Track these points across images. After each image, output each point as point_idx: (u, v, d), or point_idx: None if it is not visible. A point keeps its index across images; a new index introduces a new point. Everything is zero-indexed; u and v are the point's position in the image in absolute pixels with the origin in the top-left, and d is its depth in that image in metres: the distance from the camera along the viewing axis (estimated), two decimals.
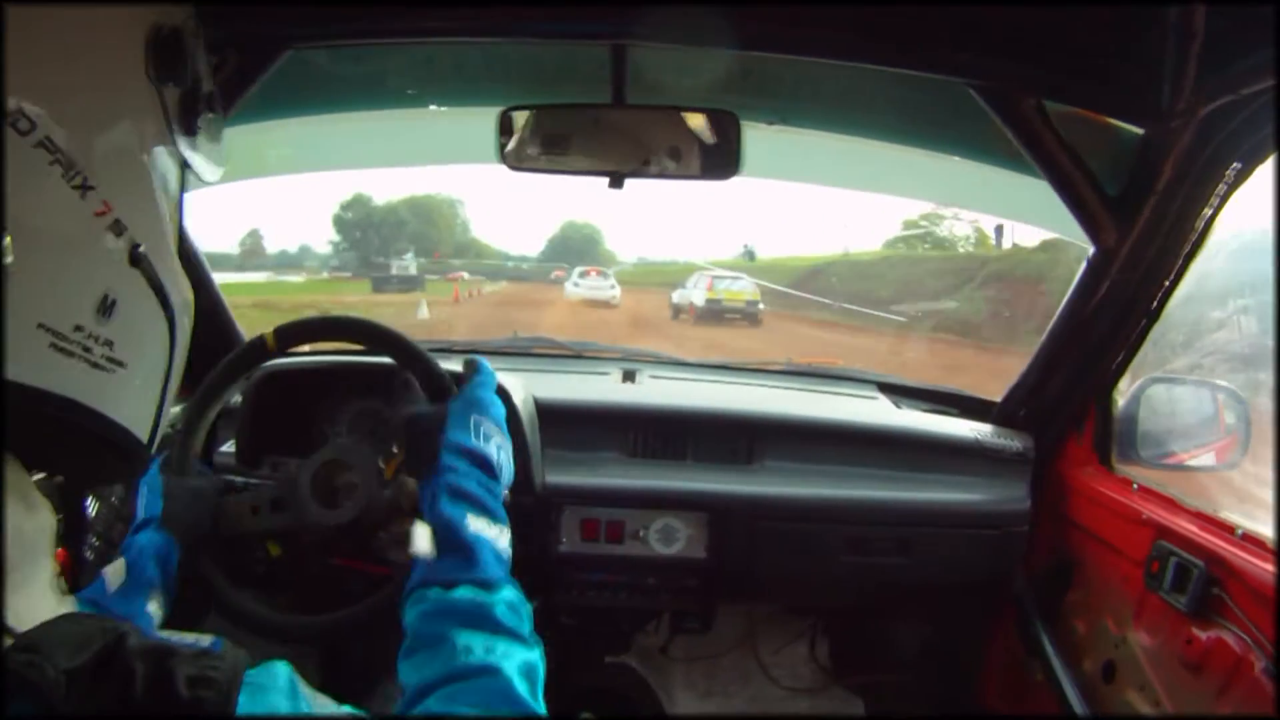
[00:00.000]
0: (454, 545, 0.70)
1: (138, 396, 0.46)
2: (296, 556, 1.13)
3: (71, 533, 1.14)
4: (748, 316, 14.31)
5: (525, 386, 1.39)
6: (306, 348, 1.23)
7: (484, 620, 0.66)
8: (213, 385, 1.04)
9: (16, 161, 0.38)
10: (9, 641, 0.37)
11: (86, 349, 0.42)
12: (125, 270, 0.44)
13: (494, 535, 0.73)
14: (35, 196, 0.39)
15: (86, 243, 0.42)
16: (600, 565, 1.37)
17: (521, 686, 0.62)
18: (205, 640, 0.44)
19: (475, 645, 0.63)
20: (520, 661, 0.64)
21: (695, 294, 15.38)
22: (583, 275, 19.08)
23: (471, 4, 1.02)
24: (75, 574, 1.13)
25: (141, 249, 0.44)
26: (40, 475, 0.47)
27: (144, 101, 0.46)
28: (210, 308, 1.42)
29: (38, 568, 0.45)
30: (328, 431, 1.36)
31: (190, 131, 0.50)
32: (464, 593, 0.67)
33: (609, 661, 1.75)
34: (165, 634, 0.44)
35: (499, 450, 0.79)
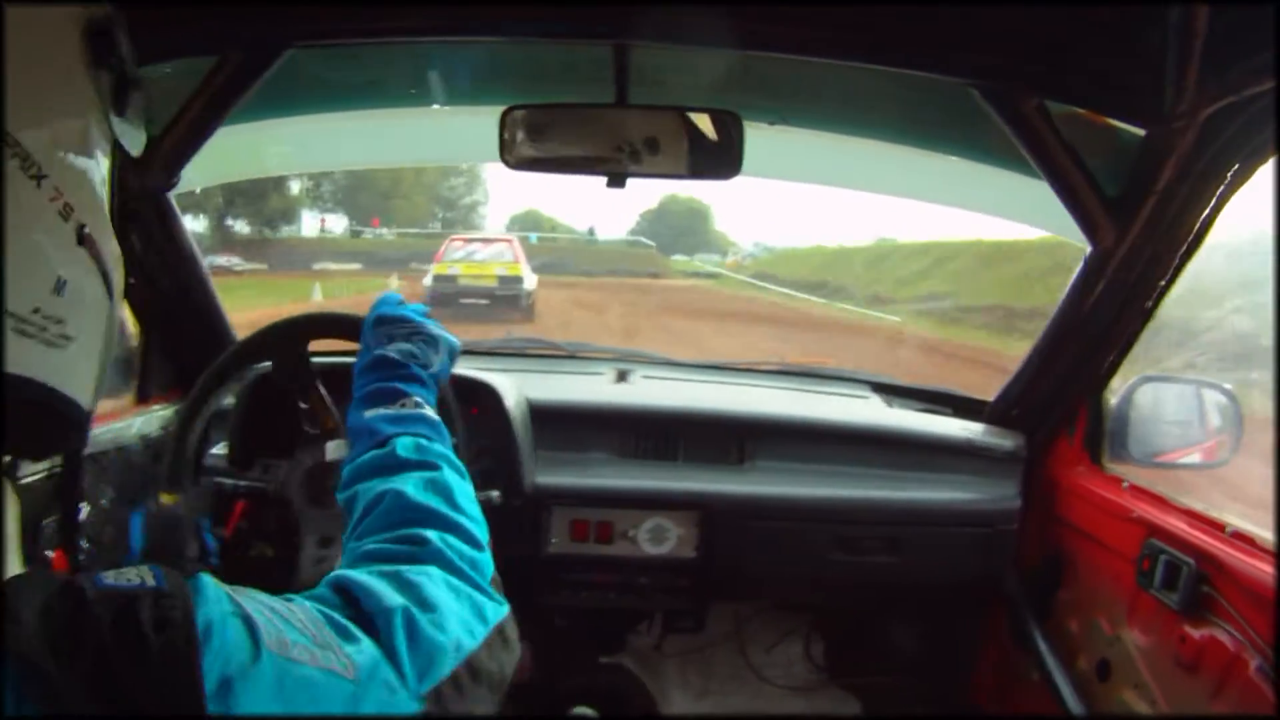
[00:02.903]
0: (357, 434, 0.73)
1: (83, 367, 0.50)
2: (289, 557, 1.13)
3: (66, 536, 1.13)
4: (502, 302, 9.56)
5: (517, 387, 1.39)
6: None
7: (385, 466, 0.68)
8: (201, 394, 1.06)
9: None
10: None
11: (43, 328, 0.45)
12: (74, 250, 0.47)
13: (394, 410, 0.74)
14: (3, 191, 0.42)
15: (43, 230, 0.45)
16: (590, 565, 1.38)
17: (419, 494, 0.64)
18: (149, 576, 0.44)
19: (375, 486, 0.66)
20: (419, 478, 0.66)
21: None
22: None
23: (474, 3, 1.01)
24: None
25: (86, 229, 0.48)
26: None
27: (83, 89, 0.50)
28: (204, 306, 1.41)
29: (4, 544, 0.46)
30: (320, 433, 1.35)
31: (121, 112, 0.53)
32: (366, 456, 0.70)
33: (603, 661, 1.76)
34: (109, 575, 0.43)
35: (407, 340, 0.80)
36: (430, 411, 0.75)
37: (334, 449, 1.07)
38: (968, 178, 1.45)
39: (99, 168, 0.51)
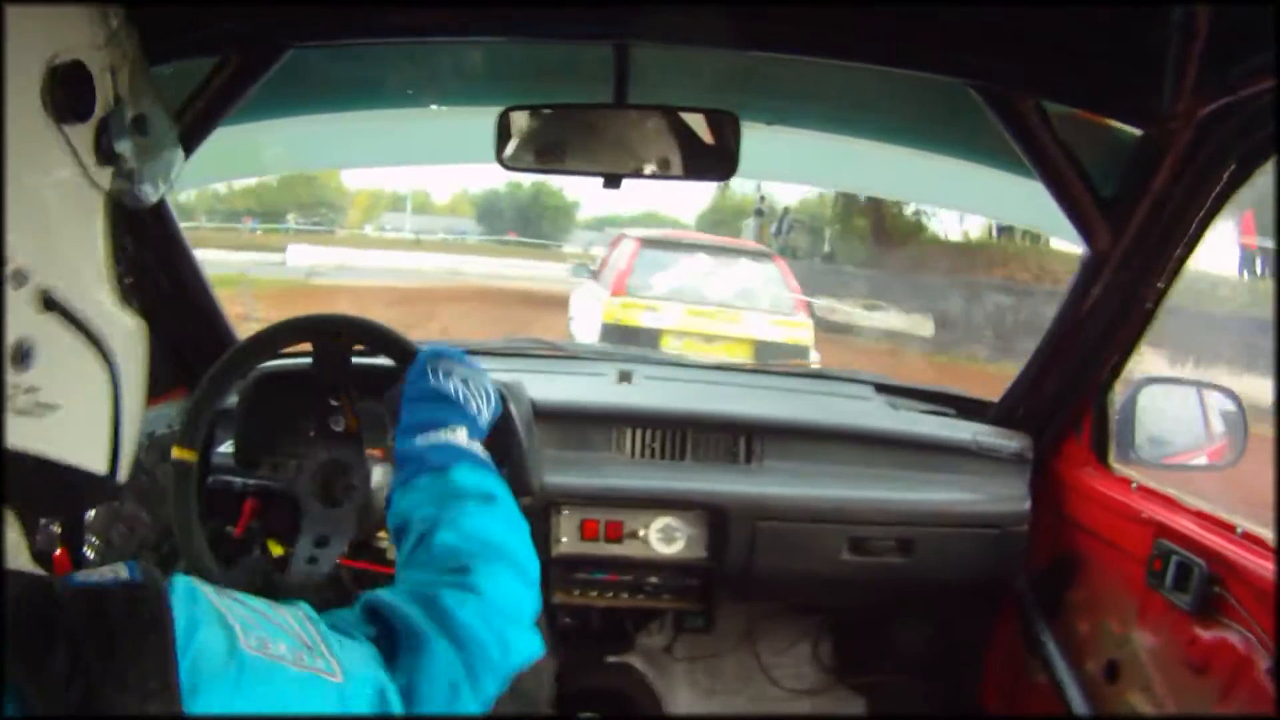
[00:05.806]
0: (405, 460, 0.75)
1: (82, 432, 0.48)
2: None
3: (71, 534, 1.13)
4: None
5: (522, 387, 1.39)
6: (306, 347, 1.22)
7: (442, 494, 0.70)
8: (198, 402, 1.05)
9: None
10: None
11: (11, 397, 0.43)
12: (37, 317, 0.44)
13: (445, 440, 0.76)
14: None
15: None
16: (600, 565, 1.38)
17: (476, 524, 0.68)
18: (122, 571, 0.43)
19: (430, 513, 0.69)
20: (477, 508, 0.70)
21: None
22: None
23: (473, 3, 1.01)
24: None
25: (55, 293, 0.45)
26: None
27: (46, 141, 0.45)
28: (202, 303, 1.40)
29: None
30: (327, 432, 1.35)
31: (110, 161, 0.49)
32: (422, 482, 0.72)
33: (611, 662, 1.75)
34: (83, 575, 0.43)
35: (463, 382, 0.81)
36: (480, 450, 0.77)
37: (380, 474, 1.08)
38: (964, 178, 1.46)
39: (84, 228, 0.48)
